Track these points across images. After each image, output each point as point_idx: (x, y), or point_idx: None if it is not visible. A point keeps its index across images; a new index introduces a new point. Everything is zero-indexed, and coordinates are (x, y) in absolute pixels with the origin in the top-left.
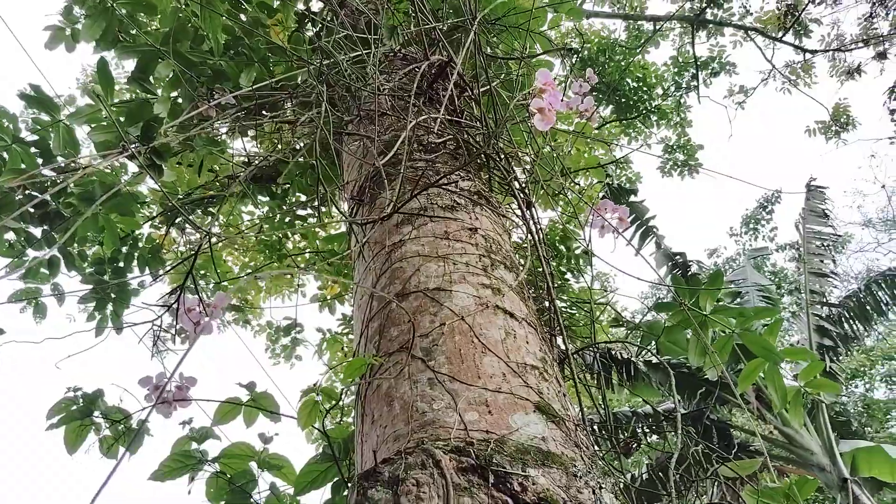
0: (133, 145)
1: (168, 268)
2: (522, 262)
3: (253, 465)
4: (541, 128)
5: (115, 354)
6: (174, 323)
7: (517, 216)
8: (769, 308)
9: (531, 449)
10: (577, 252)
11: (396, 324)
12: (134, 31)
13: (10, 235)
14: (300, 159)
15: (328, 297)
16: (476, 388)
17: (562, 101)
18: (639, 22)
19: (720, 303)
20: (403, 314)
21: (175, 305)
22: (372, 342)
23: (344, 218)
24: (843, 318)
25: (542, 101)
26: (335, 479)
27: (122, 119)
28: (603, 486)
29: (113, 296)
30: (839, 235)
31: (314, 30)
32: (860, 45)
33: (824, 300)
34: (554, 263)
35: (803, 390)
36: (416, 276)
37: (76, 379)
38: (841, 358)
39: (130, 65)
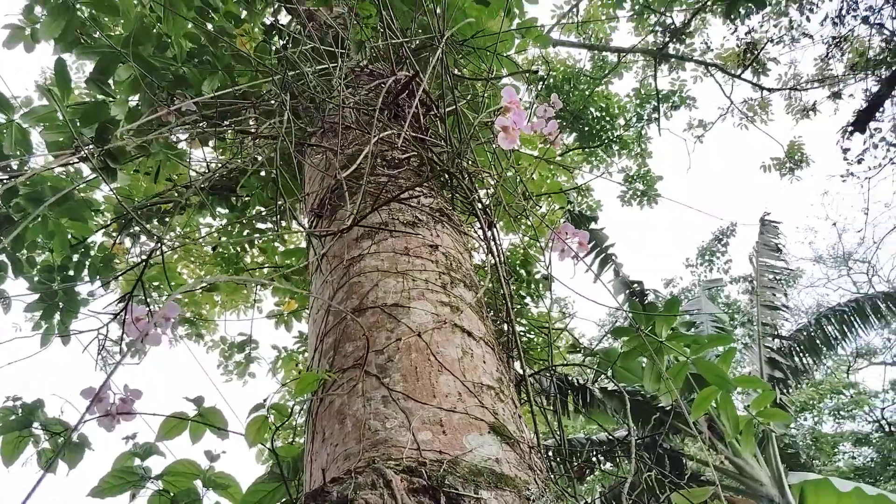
0: (87, 146)
1: (118, 275)
2: (483, 281)
3: (198, 483)
4: (505, 146)
5: (61, 364)
6: (122, 333)
7: (479, 236)
8: (723, 336)
9: (485, 471)
10: (538, 277)
11: (352, 339)
12: (96, 34)
13: None
14: (261, 171)
15: (285, 314)
16: (431, 407)
17: (527, 123)
18: (603, 53)
19: (675, 330)
20: (359, 329)
21: (122, 314)
22: (326, 357)
23: (303, 229)
24: (793, 351)
25: (507, 120)
26: (283, 499)
27: (77, 120)
28: None
29: (61, 305)
30: (791, 270)
31: (281, 42)
32: (816, 84)
33: (776, 333)
34: (514, 287)
35: (755, 420)
36: (375, 291)
37: (17, 388)
38: (791, 390)
39: (91, 68)
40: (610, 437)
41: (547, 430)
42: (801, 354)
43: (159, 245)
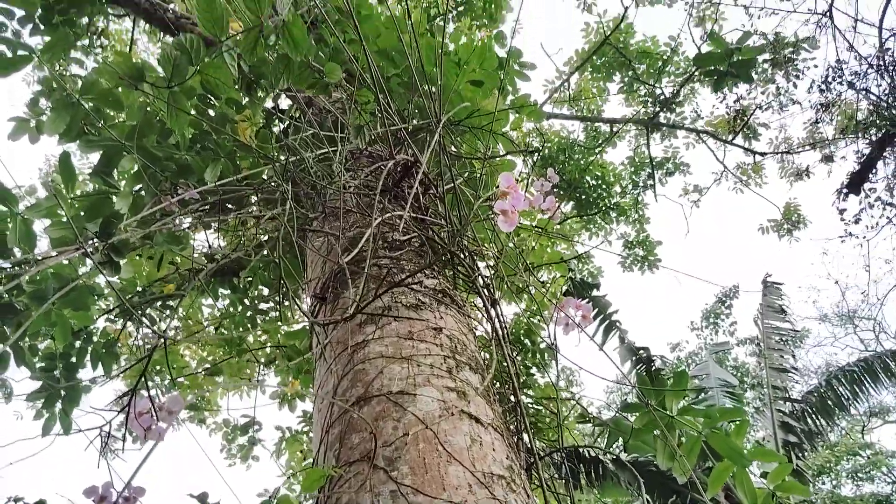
0: (91, 241)
1: (123, 370)
2: (488, 359)
3: None
4: (505, 229)
5: (63, 455)
6: (125, 426)
7: (482, 313)
8: (735, 409)
9: None
10: (542, 346)
11: (358, 430)
12: (99, 124)
13: None
14: (264, 253)
15: (288, 395)
16: (441, 501)
17: (524, 199)
18: (596, 123)
19: (685, 401)
20: (366, 420)
21: (126, 409)
22: (332, 450)
23: (306, 318)
24: (805, 414)
25: (506, 204)
26: None
27: (81, 213)
28: None
29: (63, 393)
30: (797, 331)
31: (282, 126)
32: (807, 148)
33: (787, 395)
34: (519, 358)
35: (773, 494)
36: (380, 378)
37: (21, 482)
38: (806, 454)
39: (95, 155)
40: None
41: None
42: (813, 416)
43: (162, 340)
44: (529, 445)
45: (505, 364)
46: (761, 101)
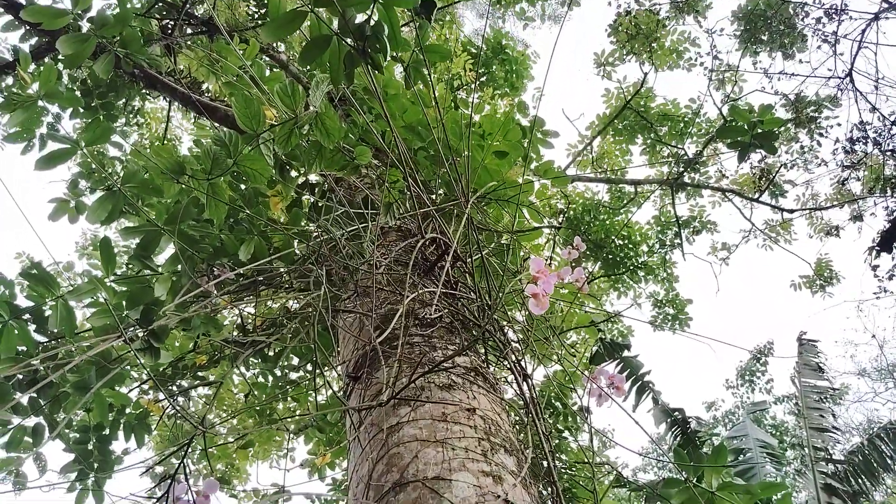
0: (132, 328)
1: (160, 458)
2: (521, 433)
3: None
4: (536, 312)
5: None
6: None
7: (514, 390)
8: (777, 483)
9: None
10: (574, 408)
11: None
12: (140, 211)
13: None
14: (297, 335)
15: (319, 466)
16: None
17: (554, 278)
18: (620, 185)
19: (726, 475)
20: None
21: (164, 496)
22: None
23: (339, 402)
24: (849, 475)
25: (537, 288)
26: None
27: (122, 299)
28: None
29: (95, 465)
30: (836, 389)
31: (312, 199)
32: (835, 205)
33: (829, 456)
34: (550, 420)
35: None
36: (415, 463)
37: None
38: None
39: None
40: None
41: None
42: (857, 477)
43: (200, 432)
44: None
45: (539, 440)
46: (786, 159)
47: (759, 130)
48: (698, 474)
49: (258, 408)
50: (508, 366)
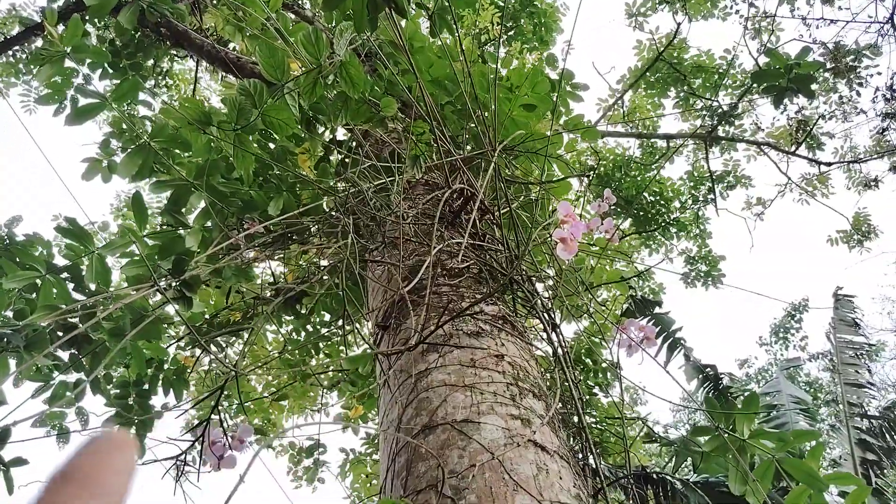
0: (164, 278)
1: (195, 401)
2: (550, 383)
3: None
4: (564, 257)
5: (139, 481)
6: (198, 454)
7: (543, 338)
8: (810, 431)
9: None
10: (604, 365)
11: (424, 459)
12: (169, 165)
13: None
14: (324, 288)
15: (352, 419)
16: None
17: (583, 225)
18: (652, 139)
19: (757, 423)
20: (431, 449)
21: (200, 439)
22: (399, 478)
23: (369, 348)
24: (884, 431)
25: (565, 232)
26: None
27: (154, 253)
28: None
29: (136, 420)
30: (872, 344)
31: (340, 156)
32: (874, 157)
33: (863, 412)
34: (581, 377)
35: None
36: (444, 406)
37: None
38: (885, 472)
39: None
40: None
41: None
42: (892, 433)
43: (234, 374)
44: (596, 469)
45: (568, 388)
46: (824, 110)
47: (796, 73)
48: (730, 424)
49: (292, 361)
50: (537, 315)
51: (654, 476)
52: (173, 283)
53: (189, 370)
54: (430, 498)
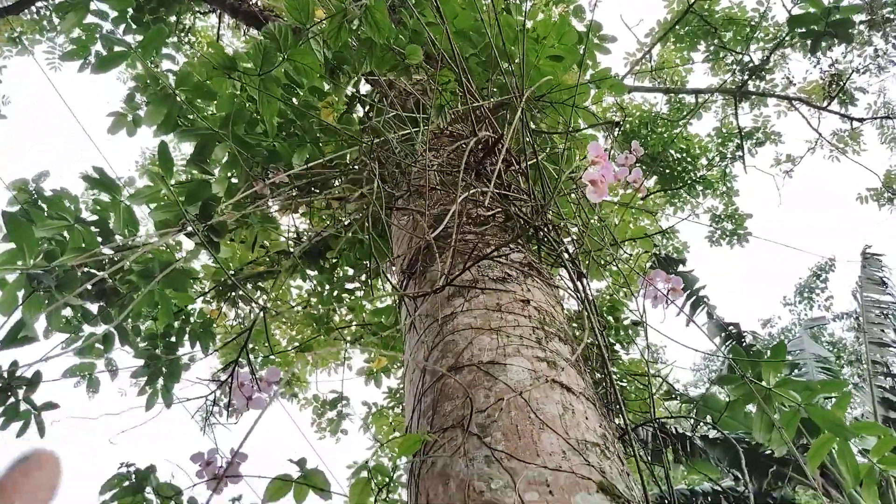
0: (192, 223)
1: (220, 344)
2: (576, 333)
3: None
4: (594, 199)
5: (166, 428)
6: (224, 397)
7: (567, 290)
8: (837, 381)
9: None
10: (626, 323)
11: (450, 398)
12: (192, 116)
13: (67, 311)
14: (349, 234)
15: (375, 371)
16: (535, 467)
17: (612, 170)
18: (680, 95)
19: (783, 374)
20: (457, 388)
21: (228, 380)
22: (425, 417)
23: (395, 291)
24: None
25: (595, 174)
26: None
27: (181, 198)
28: None
29: (164, 370)
30: None
31: (363, 110)
32: None
33: (887, 370)
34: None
35: (876, 467)
36: (470, 348)
37: (129, 454)
38: None
39: (187, 148)
40: (721, 488)
41: (652, 484)
42: None
43: (262, 312)
44: (621, 415)
45: (593, 335)
46: (858, 64)
47: (835, 18)
48: (755, 372)
49: (315, 316)
50: (562, 263)
51: (675, 431)
52: (201, 228)
53: (214, 323)
54: (456, 435)
